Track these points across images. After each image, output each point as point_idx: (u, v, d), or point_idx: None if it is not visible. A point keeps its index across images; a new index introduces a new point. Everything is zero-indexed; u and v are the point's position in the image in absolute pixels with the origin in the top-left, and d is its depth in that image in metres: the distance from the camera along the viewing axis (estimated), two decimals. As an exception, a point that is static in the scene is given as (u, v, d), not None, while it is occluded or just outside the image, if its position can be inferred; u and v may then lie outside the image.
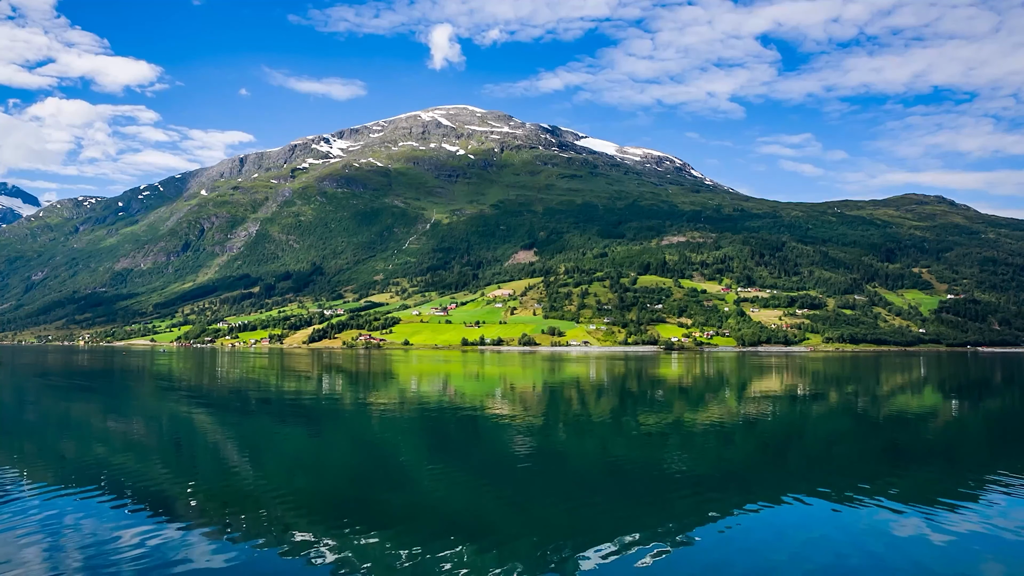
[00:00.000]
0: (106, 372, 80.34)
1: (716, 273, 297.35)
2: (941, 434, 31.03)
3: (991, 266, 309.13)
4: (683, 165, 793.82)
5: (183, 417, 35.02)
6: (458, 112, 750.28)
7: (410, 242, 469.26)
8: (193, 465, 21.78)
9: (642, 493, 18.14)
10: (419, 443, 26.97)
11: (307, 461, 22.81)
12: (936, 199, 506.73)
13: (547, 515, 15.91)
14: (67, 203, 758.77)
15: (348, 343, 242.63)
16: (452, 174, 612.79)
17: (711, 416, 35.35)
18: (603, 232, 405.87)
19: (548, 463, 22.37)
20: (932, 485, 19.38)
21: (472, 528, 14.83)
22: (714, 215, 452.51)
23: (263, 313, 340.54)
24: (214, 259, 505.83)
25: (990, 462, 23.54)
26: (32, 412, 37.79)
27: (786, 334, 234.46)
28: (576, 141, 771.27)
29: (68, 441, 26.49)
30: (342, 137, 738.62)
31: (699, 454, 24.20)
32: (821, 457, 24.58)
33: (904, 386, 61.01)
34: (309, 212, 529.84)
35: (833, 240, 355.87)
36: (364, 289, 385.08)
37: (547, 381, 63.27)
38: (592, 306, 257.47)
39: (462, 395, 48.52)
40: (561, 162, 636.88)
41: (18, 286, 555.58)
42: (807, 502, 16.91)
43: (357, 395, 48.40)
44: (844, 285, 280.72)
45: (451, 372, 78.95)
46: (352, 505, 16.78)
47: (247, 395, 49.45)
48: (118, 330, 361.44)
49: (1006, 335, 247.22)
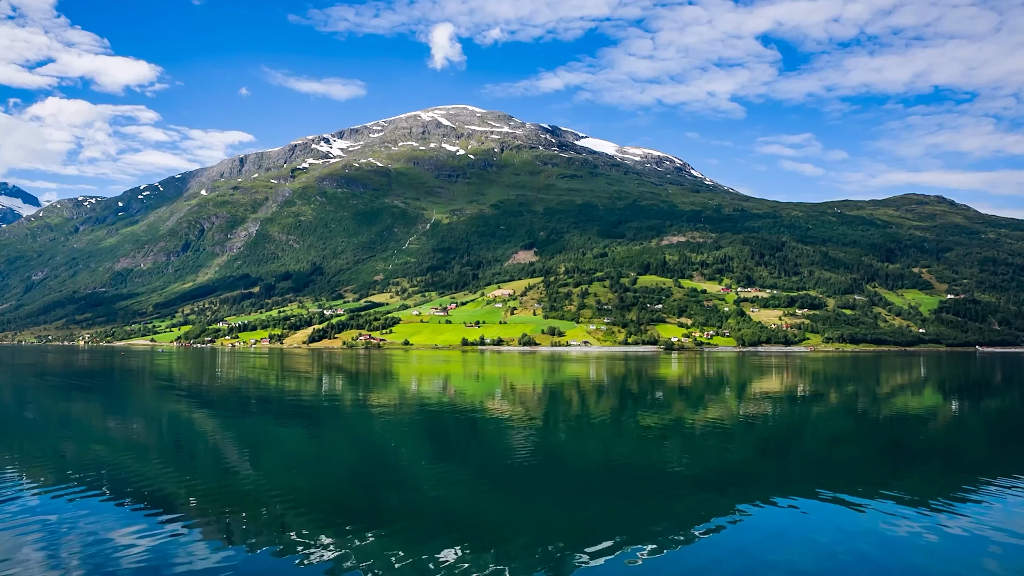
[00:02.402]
0: (106, 372, 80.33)
1: (716, 273, 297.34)
2: (941, 434, 31.04)
3: (991, 266, 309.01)
4: (683, 165, 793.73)
5: (183, 417, 35.03)
6: (458, 112, 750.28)
7: (410, 242, 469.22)
8: (193, 465, 21.78)
9: (642, 493, 18.14)
10: (419, 443, 26.98)
11: (307, 461, 22.81)
12: (936, 199, 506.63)
13: (547, 515, 15.92)
14: (67, 203, 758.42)
15: (348, 343, 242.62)
16: (452, 174, 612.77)
17: (711, 416, 35.36)
18: (603, 232, 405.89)
19: (548, 463, 22.38)
20: (932, 485, 19.38)
21: (472, 528, 14.83)
22: (714, 215, 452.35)
23: (263, 313, 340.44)
24: (214, 259, 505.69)
25: (990, 462, 23.55)
26: (32, 412, 37.79)
27: (786, 334, 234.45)
28: (576, 141, 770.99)
29: (68, 441, 26.49)
30: (342, 137, 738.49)
31: (699, 454, 24.21)
32: (821, 457, 24.58)
33: (904, 386, 61.00)
34: (309, 212, 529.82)
35: (833, 240, 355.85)
36: (364, 289, 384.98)
37: (547, 381, 63.27)
38: (592, 306, 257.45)
39: (462, 395, 48.51)
40: (561, 162, 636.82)
41: (18, 286, 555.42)
42: (807, 502, 16.91)
43: (357, 395, 48.39)
44: (844, 285, 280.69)
45: (451, 372, 78.95)
46: (352, 505, 16.78)
47: (247, 395, 49.44)
48: (118, 330, 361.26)
49: (1006, 335, 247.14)
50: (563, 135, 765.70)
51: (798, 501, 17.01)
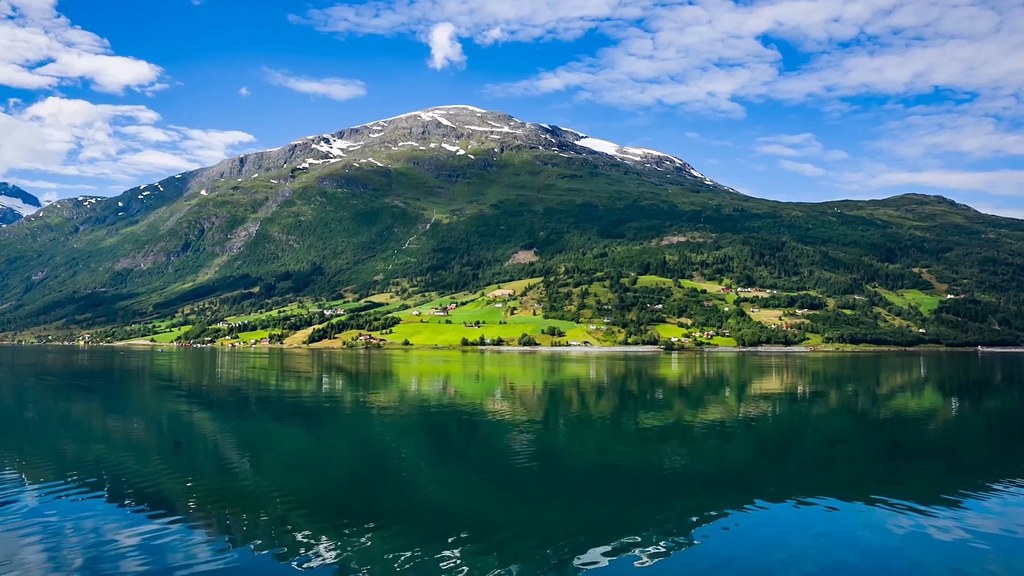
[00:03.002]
0: (106, 372, 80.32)
1: (716, 273, 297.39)
2: (941, 434, 31.04)
3: (991, 266, 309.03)
4: (683, 165, 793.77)
5: (183, 417, 35.02)
6: (458, 112, 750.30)
7: (410, 242, 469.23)
8: (193, 465, 21.78)
9: (642, 493, 18.14)
10: (419, 443, 26.97)
11: (307, 461, 22.81)
12: (936, 199, 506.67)
13: (547, 515, 15.91)
14: (67, 203, 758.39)
15: (348, 343, 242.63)
16: (452, 174, 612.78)
17: (711, 416, 35.35)
18: (603, 232, 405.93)
19: (548, 463, 22.37)
20: (932, 485, 19.38)
21: (472, 528, 14.82)
22: (714, 215, 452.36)
23: (263, 313, 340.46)
24: (214, 259, 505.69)
25: (990, 462, 23.55)
26: (32, 412, 37.78)
27: (786, 334, 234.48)
28: (576, 141, 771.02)
29: (68, 441, 26.48)
30: (342, 137, 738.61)
31: (699, 454, 24.20)
32: (821, 457, 24.57)
33: (904, 386, 61.01)
34: (309, 212, 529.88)
35: (833, 240, 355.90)
36: (364, 289, 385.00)
37: (547, 381, 63.27)
38: (592, 306, 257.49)
39: (462, 395, 48.51)
40: (561, 162, 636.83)
41: (18, 286, 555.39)
42: (807, 502, 16.91)
43: (357, 395, 48.39)
44: (844, 285, 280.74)
45: (451, 372, 78.94)
46: (352, 505, 16.78)
47: (247, 395, 49.44)
48: (118, 330, 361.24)
49: (1006, 335, 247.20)
50: (563, 135, 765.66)
51: (798, 501, 17.01)
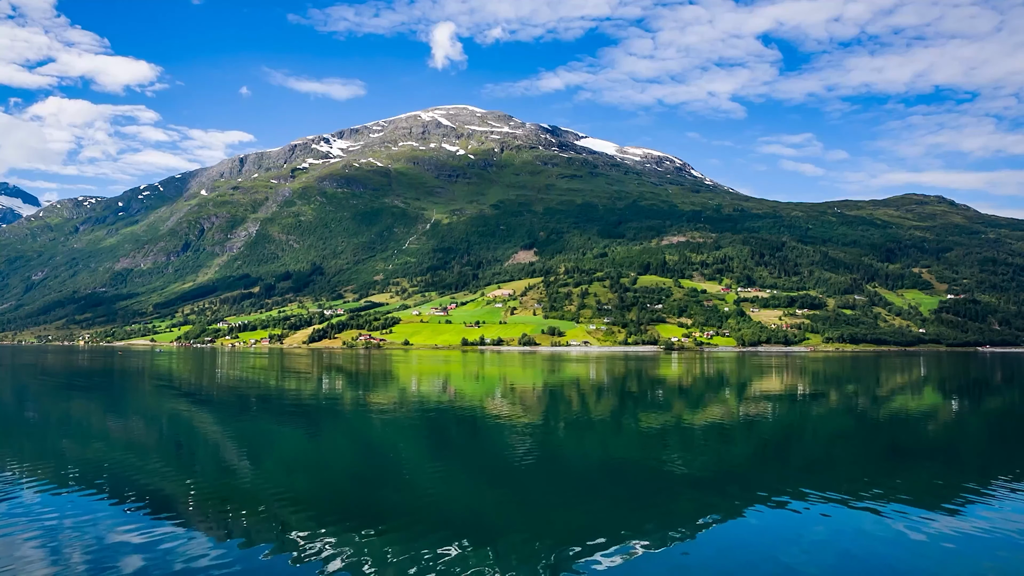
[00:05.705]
0: (105, 372, 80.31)
1: (716, 273, 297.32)
2: (941, 434, 31.04)
3: (991, 266, 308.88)
4: (683, 165, 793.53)
5: (183, 417, 35.03)
6: (458, 112, 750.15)
7: (410, 242, 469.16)
8: (193, 465, 21.78)
9: (642, 493, 18.14)
10: (419, 443, 26.97)
11: (307, 461, 22.81)
12: (936, 199, 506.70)
13: (547, 515, 15.92)
14: (67, 203, 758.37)
15: (348, 343, 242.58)
16: (452, 174, 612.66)
17: (711, 416, 35.35)
18: (603, 232, 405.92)
19: (548, 463, 22.37)
20: (932, 485, 19.38)
21: (472, 528, 14.83)
22: (714, 215, 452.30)
23: (263, 313, 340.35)
24: (214, 259, 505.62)
25: (990, 462, 23.54)
26: (32, 412, 37.78)
27: (786, 334, 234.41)
28: (576, 141, 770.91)
29: (68, 441, 26.48)
30: (342, 137, 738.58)
31: (699, 454, 24.20)
32: (821, 457, 24.57)
33: (904, 386, 61.00)
34: (309, 212, 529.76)
35: (833, 240, 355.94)
36: (364, 289, 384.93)
37: (547, 381, 63.26)
38: (592, 306, 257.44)
39: (462, 395, 48.51)
40: (561, 162, 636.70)
41: (18, 286, 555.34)
42: (807, 502, 16.90)
43: (357, 395, 48.39)
44: (844, 285, 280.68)
45: (451, 372, 78.94)
46: (352, 505, 16.78)
47: (247, 395, 49.44)
48: (118, 330, 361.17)
49: (1006, 335, 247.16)
50: (563, 135, 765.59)
51: (798, 501, 17.00)
